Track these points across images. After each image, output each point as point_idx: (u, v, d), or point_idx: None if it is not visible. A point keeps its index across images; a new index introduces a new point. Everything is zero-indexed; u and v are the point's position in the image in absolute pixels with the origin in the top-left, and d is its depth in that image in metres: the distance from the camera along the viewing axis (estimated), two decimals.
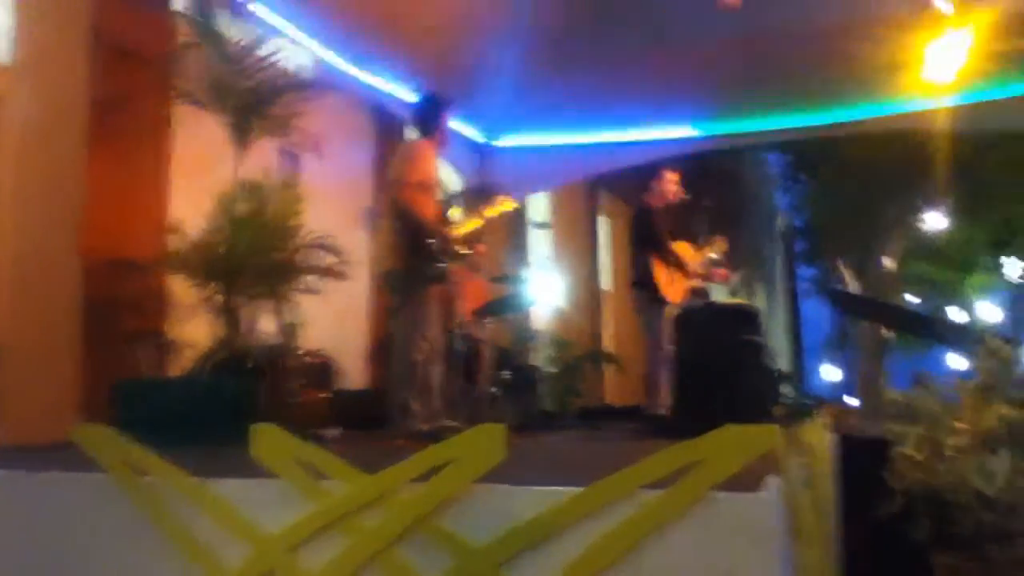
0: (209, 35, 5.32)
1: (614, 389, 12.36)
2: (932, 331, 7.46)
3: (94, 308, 5.01)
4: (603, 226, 13.98)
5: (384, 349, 7.28)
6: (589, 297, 12.60)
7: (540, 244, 12.41)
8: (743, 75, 7.41)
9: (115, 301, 5.10)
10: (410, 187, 4.71)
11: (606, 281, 13.74)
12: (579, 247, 12.78)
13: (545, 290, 8.77)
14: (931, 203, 15.40)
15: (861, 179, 15.59)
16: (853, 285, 17.12)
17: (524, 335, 9.90)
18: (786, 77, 7.44)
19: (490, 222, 5.34)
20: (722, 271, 6.61)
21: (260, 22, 5.77)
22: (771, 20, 6.39)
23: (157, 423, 4.04)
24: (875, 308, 9.80)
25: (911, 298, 20.43)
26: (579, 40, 6.98)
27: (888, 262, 15.94)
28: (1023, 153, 14.05)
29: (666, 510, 1.92)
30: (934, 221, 16.21)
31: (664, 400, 6.06)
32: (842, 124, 8.39)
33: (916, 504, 3.39)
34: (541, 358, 10.32)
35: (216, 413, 4.33)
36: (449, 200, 5.28)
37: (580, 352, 10.60)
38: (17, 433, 4.85)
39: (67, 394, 4.85)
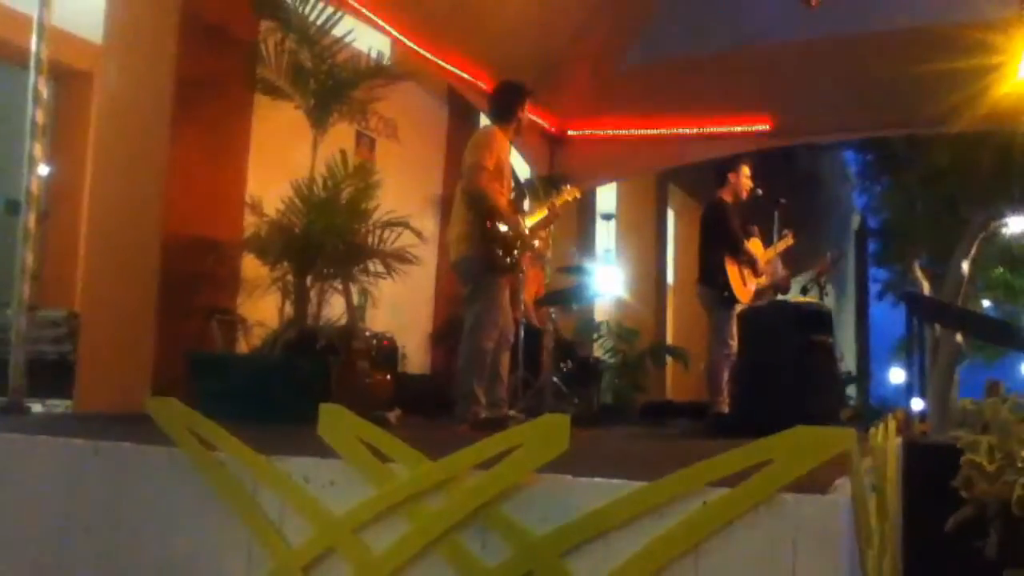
0: (290, 16, 5.40)
1: (675, 384, 12.28)
2: (1011, 339, 7.26)
3: (171, 283, 5.14)
4: (671, 220, 13.87)
5: (447, 335, 7.34)
6: (653, 291, 12.52)
7: (606, 236, 12.37)
8: (829, 74, 7.27)
9: (191, 277, 5.23)
10: (486, 173, 4.72)
11: (670, 275, 13.64)
12: (645, 240, 12.70)
13: (610, 282, 8.74)
14: (1017, 207, 14.91)
15: (945, 180, 15.17)
16: (927, 288, 16.70)
17: (587, 327, 9.89)
18: (874, 74, 7.26)
19: (556, 212, 5.34)
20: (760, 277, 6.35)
21: (340, 4, 5.83)
22: (862, 17, 6.25)
23: (229, 396, 4.18)
24: (952, 313, 9.53)
25: (987, 304, 19.87)
26: (659, 30, 6.92)
27: (966, 266, 15.48)
28: None
29: (732, 509, 1.90)
30: (1016, 226, 15.71)
31: (726, 398, 6.00)
32: (929, 122, 8.17)
33: (986, 517, 3.30)
34: (604, 350, 10.31)
35: (287, 391, 4.42)
36: (522, 188, 5.26)
37: (643, 346, 10.55)
38: (93, 401, 5.03)
39: (142, 366, 4.99)
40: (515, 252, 4.82)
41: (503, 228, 4.74)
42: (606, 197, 12.26)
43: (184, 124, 5.26)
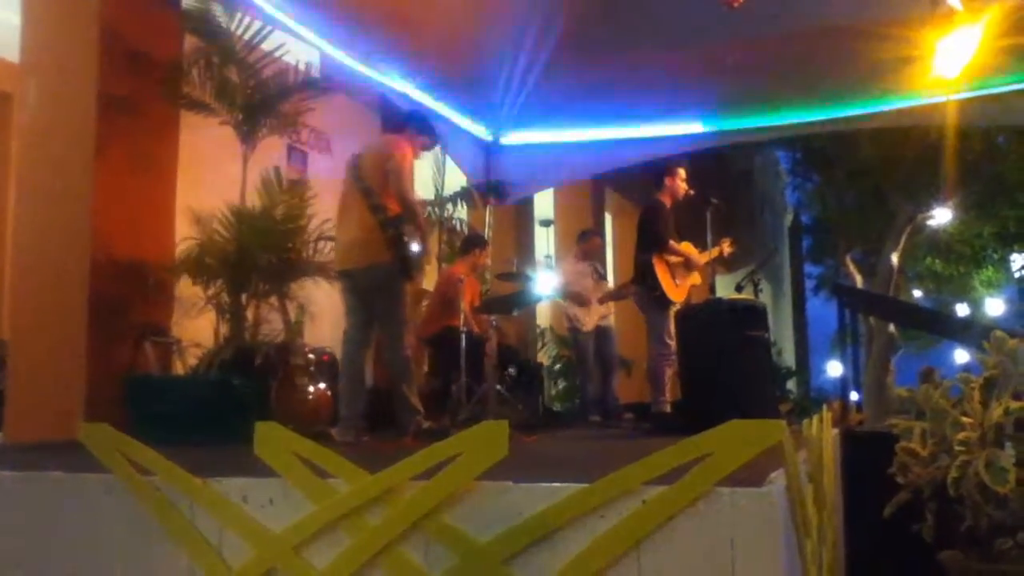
0: (216, 33, 5.33)
1: (620, 386, 12.36)
2: (939, 326, 7.46)
3: (101, 306, 5.02)
4: (608, 223, 13.98)
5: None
6: None
7: (545, 242, 12.43)
8: (754, 72, 7.39)
9: (122, 299, 5.12)
10: (411, 183, 4.68)
11: (611, 278, 13.75)
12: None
13: (551, 287, 8.78)
14: (941, 198, 15.36)
15: (871, 175, 15.56)
16: (860, 282, 17.09)
17: (530, 333, 9.92)
18: (797, 74, 7.40)
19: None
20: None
21: (267, 19, 5.77)
22: (782, 18, 6.37)
23: (166, 420, 4.10)
24: (882, 304, 9.78)
25: (918, 294, 20.42)
26: (587, 37, 6.96)
27: (896, 258, 15.89)
28: None
29: (670, 505, 1.91)
30: (943, 216, 16.17)
31: (669, 397, 6.07)
32: (852, 120, 8.35)
33: (921, 500, 3.39)
34: (548, 356, 10.34)
35: (224, 411, 4.36)
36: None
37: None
38: (26, 431, 4.88)
39: (74, 392, 4.87)
40: (423, 260, 4.78)
41: (414, 235, 4.68)
42: (544, 204, 12.32)
43: (109, 143, 5.15)
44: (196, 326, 5.25)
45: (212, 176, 5.54)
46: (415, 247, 4.65)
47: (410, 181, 4.68)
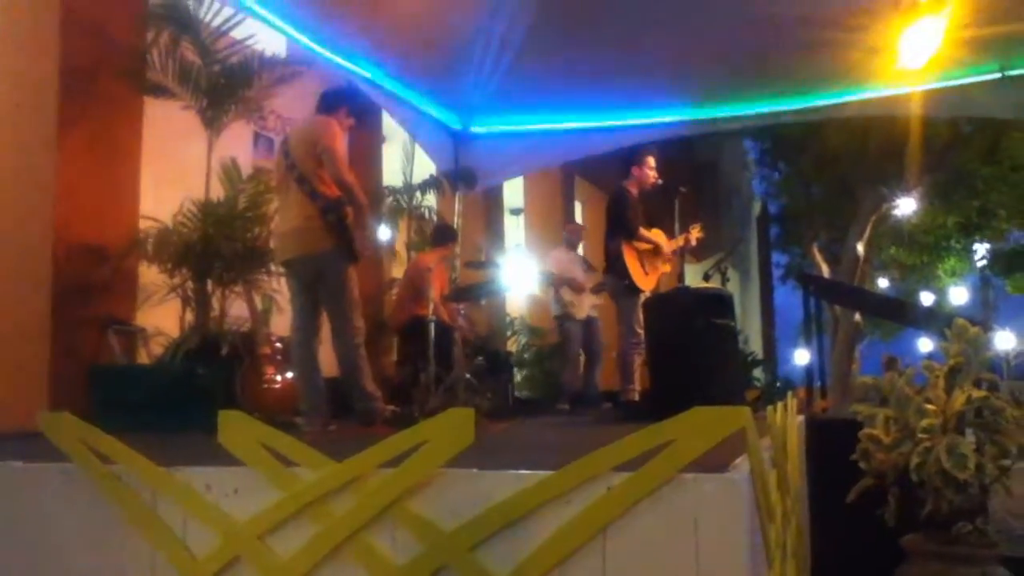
0: (180, 16, 5.26)
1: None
2: (903, 315, 7.56)
3: (64, 294, 4.96)
4: (578, 211, 14.02)
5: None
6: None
7: (515, 230, 12.43)
8: (722, 61, 7.40)
9: (86, 287, 5.05)
10: (345, 162, 4.55)
11: None
12: (554, 233, 12.79)
13: (520, 276, 8.77)
14: (906, 189, 15.56)
15: (837, 165, 15.72)
16: (826, 270, 17.28)
17: (499, 321, 9.91)
18: (765, 64, 7.43)
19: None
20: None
21: (233, 2, 5.68)
22: (748, 8, 6.39)
23: (130, 410, 4.05)
24: (847, 293, 9.89)
25: (883, 283, 20.70)
26: (556, 26, 6.94)
27: (861, 247, 16.08)
28: (998, 140, 14.30)
29: (635, 492, 1.92)
30: (907, 206, 16.39)
31: (637, 385, 6.10)
32: (820, 109, 8.40)
33: (883, 485, 3.44)
34: (518, 345, 10.35)
35: (189, 400, 4.32)
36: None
37: (555, 338, 10.62)
38: None
39: (36, 382, 4.80)
40: (368, 239, 4.70)
41: (357, 217, 4.57)
42: (514, 192, 12.31)
43: (71, 127, 5.08)
44: (161, 315, 5.19)
45: (177, 162, 5.47)
46: (358, 228, 4.55)
47: (344, 161, 4.53)
